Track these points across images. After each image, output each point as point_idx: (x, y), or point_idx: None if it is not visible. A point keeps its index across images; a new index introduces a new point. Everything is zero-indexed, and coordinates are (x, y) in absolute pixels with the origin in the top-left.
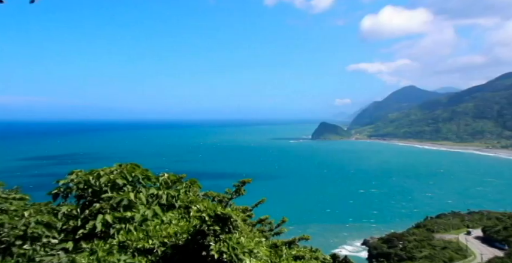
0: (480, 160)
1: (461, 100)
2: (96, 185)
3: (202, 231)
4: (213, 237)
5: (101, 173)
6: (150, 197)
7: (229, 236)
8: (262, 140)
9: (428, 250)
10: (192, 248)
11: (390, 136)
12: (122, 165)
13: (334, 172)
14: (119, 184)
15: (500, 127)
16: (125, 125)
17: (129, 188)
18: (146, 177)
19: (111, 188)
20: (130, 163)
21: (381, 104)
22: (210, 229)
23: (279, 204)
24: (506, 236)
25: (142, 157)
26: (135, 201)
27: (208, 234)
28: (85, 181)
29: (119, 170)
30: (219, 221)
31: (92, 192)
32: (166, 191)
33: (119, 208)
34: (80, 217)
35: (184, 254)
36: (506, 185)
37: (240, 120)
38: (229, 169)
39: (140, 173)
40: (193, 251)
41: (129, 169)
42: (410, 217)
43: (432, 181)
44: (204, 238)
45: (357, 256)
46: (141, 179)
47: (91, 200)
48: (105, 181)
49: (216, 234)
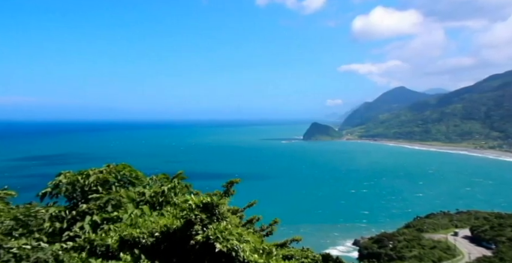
0: (469, 160)
1: (450, 101)
2: (85, 185)
3: (189, 220)
4: (200, 226)
5: (90, 173)
6: (138, 195)
7: (216, 224)
8: (254, 141)
9: (418, 250)
10: (180, 238)
11: (381, 137)
12: (110, 165)
13: (326, 172)
14: (108, 184)
15: (487, 128)
16: (122, 125)
17: (118, 188)
18: (135, 177)
19: (100, 186)
20: (120, 163)
21: (371, 104)
22: (197, 217)
23: (270, 204)
24: (493, 235)
25: (134, 157)
26: (123, 200)
27: (196, 223)
28: (73, 181)
29: (107, 169)
30: (206, 210)
31: (81, 193)
32: (152, 189)
33: (106, 208)
34: (67, 218)
35: (172, 244)
36: (494, 186)
37: (231, 121)
38: (221, 170)
39: (129, 172)
40: (181, 241)
41: (118, 169)
42: (401, 217)
43: (422, 181)
44: (192, 227)
45: (348, 256)
46: (131, 179)
47: (79, 201)
48: (93, 180)
49: (204, 223)
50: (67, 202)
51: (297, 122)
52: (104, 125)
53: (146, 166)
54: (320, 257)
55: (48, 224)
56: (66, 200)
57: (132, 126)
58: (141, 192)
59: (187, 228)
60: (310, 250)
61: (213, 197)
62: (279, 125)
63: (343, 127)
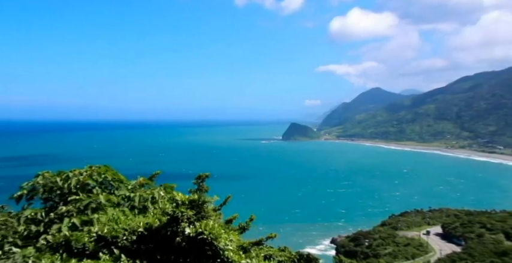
0: (441, 159)
1: (424, 102)
2: (64, 187)
3: (175, 217)
4: (186, 223)
5: (69, 175)
6: (122, 199)
7: (204, 222)
8: (232, 141)
9: (392, 247)
10: (164, 236)
11: (358, 137)
12: (92, 167)
13: (304, 172)
14: (89, 186)
15: (458, 128)
16: (99, 125)
17: (99, 191)
18: (118, 180)
19: (80, 191)
20: (103, 165)
21: (349, 105)
22: (184, 214)
23: (249, 205)
24: (463, 232)
25: (108, 157)
26: (104, 203)
27: (182, 220)
28: (52, 182)
29: (89, 172)
30: (192, 207)
31: (60, 195)
32: (139, 193)
33: (86, 210)
34: (44, 221)
35: (155, 241)
36: (465, 184)
37: (210, 121)
38: (199, 170)
39: (111, 175)
40: (166, 239)
41: (99, 171)
42: (376, 215)
43: (397, 181)
44: (178, 224)
45: (325, 254)
46: (111, 182)
47: (58, 203)
48: (74, 183)
49: (190, 220)
50: (42, 205)
51: (276, 122)
52: (78, 125)
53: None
54: (297, 256)
55: (23, 228)
56: (42, 203)
57: (106, 126)
58: (126, 196)
59: (172, 225)
60: (288, 249)
61: (200, 194)
62: (258, 125)
63: (322, 127)
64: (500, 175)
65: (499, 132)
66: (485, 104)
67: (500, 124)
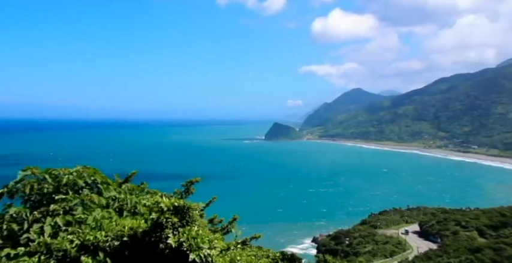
0: (419, 159)
1: (402, 103)
2: (53, 185)
3: (160, 223)
4: (171, 230)
5: (61, 173)
6: (112, 200)
7: (188, 228)
8: (215, 140)
9: (372, 246)
10: (148, 242)
11: (339, 136)
12: (83, 168)
13: (287, 172)
14: (76, 186)
15: (435, 128)
16: (79, 124)
17: (87, 191)
18: (106, 182)
19: (70, 190)
20: (91, 167)
21: (330, 105)
22: (168, 220)
23: (232, 204)
24: (439, 229)
25: (87, 158)
26: (91, 204)
27: (167, 226)
28: (40, 180)
29: (79, 172)
30: (177, 213)
31: (46, 193)
32: (129, 196)
33: (73, 210)
34: (28, 220)
35: (140, 248)
36: (442, 183)
37: (192, 121)
38: (181, 170)
39: (100, 178)
40: (150, 245)
41: (89, 172)
42: (357, 214)
43: (377, 180)
44: (162, 231)
45: (307, 253)
46: (100, 184)
47: (43, 201)
48: (65, 181)
49: (175, 226)
50: (22, 204)
51: (258, 122)
52: (55, 124)
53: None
54: (281, 256)
55: (4, 226)
56: (22, 202)
57: (88, 125)
58: (116, 198)
59: (156, 231)
60: (271, 251)
61: (184, 200)
62: (241, 125)
63: (304, 127)
64: (475, 174)
65: (474, 132)
66: (460, 105)
67: (475, 124)
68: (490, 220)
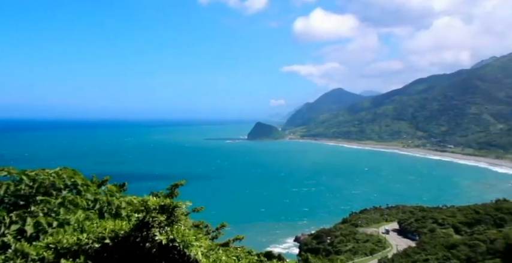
0: (399, 158)
1: (382, 103)
2: (31, 187)
3: (146, 223)
4: (157, 228)
5: (39, 174)
6: (92, 201)
7: (175, 227)
8: (197, 140)
9: (353, 244)
10: (132, 242)
11: (321, 136)
12: (62, 169)
13: (269, 171)
14: (56, 188)
15: (414, 128)
16: (61, 124)
17: (67, 193)
18: (86, 184)
19: (49, 192)
20: (71, 168)
21: (312, 105)
22: (155, 219)
23: (214, 205)
24: (417, 227)
25: (67, 158)
26: (71, 206)
27: (153, 225)
28: (16, 181)
29: (58, 173)
30: (163, 212)
31: (23, 195)
32: (110, 198)
33: (53, 212)
34: (4, 222)
35: (123, 249)
36: (420, 182)
37: (174, 121)
38: (162, 170)
39: (80, 179)
40: (134, 245)
41: (69, 174)
42: (338, 213)
43: (358, 179)
44: (149, 230)
45: (289, 252)
46: (80, 186)
47: (19, 203)
48: (44, 183)
49: (161, 225)
50: None
51: (241, 121)
52: (39, 124)
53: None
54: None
55: None
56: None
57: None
58: (96, 199)
59: (142, 231)
60: (253, 251)
61: (170, 199)
62: (223, 125)
63: (286, 127)
64: (451, 173)
65: (450, 132)
66: (437, 105)
67: (451, 124)
68: (465, 217)
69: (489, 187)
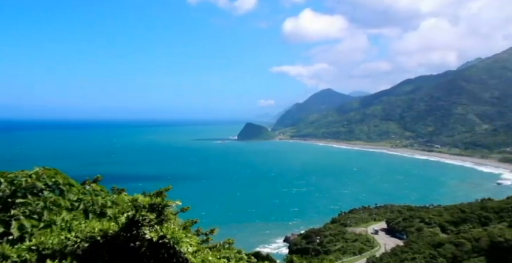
0: (387, 158)
1: (371, 103)
2: (9, 189)
3: (136, 221)
4: (147, 227)
5: (18, 175)
6: (76, 201)
7: (165, 226)
8: (187, 141)
9: (342, 243)
10: (122, 241)
11: (310, 136)
12: (41, 169)
13: (259, 172)
14: (35, 190)
15: (402, 128)
16: (53, 124)
17: (49, 194)
18: (68, 184)
19: (29, 193)
20: (52, 168)
21: (302, 106)
22: (145, 218)
23: (204, 205)
24: (405, 226)
25: (55, 159)
26: (54, 207)
27: (143, 224)
28: None
29: (38, 174)
30: (153, 210)
31: (2, 197)
32: (95, 198)
33: (35, 214)
34: None
35: (112, 248)
36: (408, 181)
37: (163, 121)
38: (152, 171)
39: (62, 179)
40: (124, 244)
41: (49, 174)
42: (328, 213)
43: (347, 179)
44: (139, 228)
45: (279, 253)
46: (61, 185)
47: None
48: (23, 184)
49: (151, 224)
50: None
51: (231, 122)
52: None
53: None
54: (255, 259)
55: None
56: None
57: (55, 126)
58: (80, 199)
59: (131, 230)
60: (243, 251)
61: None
62: (213, 125)
63: (276, 127)
64: (438, 173)
65: (437, 132)
66: (424, 106)
67: (438, 124)
68: (451, 216)
69: (475, 187)
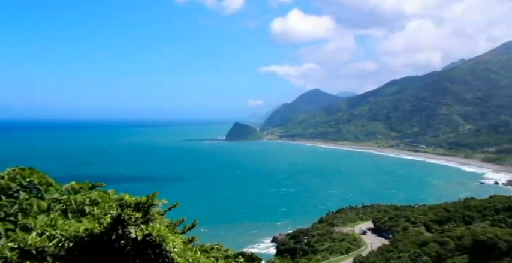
0: (374, 158)
1: (358, 104)
2: None
3: (121, 220)
4: (133, 226)
5: None
6: (53, 201)
7: (151, 225)
8: (175, 141)
9: (329, 243)
10: (107, 240)
11: (299, 137)
12: (15, 169)
13: (248, 172)
14: (10, 191)
15: (388, 129)
16: (43, 124)
17: (24, 195)
18: (46, 183)
19: (3, 195)
20: (28, 167)
21: (290, 106)
22: (131, 216)
23: (192, 206)
24: (390, 226)
25: (40, 159)
26: (30, 209)
27: (129, 223)
28: None
29: (12, 174)
30: (139, 209)
31: None
32: (73, 196)
33: (10, 217)
34: None
35: (97, 247)
36: (394, 181)
37: (151, 121)
38: (140, 172)
39: (38, 178)
40: (108, 243)
41: (24, 174)
42: (315, 212)
43: (335, 179)
44: (124, 227)
45: (266, 253)
46: (38, 185)
47: None
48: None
49: (137, 223)
50: None
51: (219, 122)
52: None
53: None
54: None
55: None
56: None
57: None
58: (57, 199)
59: (116, 229)
60: (230, 250)
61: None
62: (202, 125)
63: (264, 127)
64: (424, 172)
65: (422, 132)
66: (410, 106)
67: (423, 125)
68: (435, 215)
69: (459, 186)
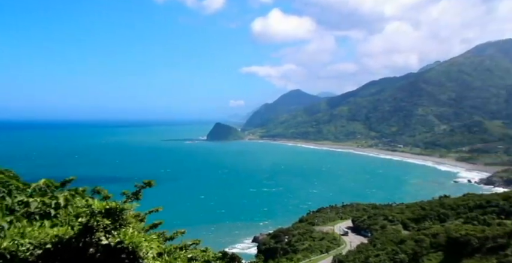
0: (354, 158)
1: (338, 104)
2: None
3: (90, 227)
4: (103, 233)
5: None
6: (18, 204)
7: (123, 231)
8: (156, 141)
9: (309, 242)
10: (75, 248)
11: (280, 136)
12: None
13: (229, 172)
14: None
15: (367, 129)
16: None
17: None
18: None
19: None
20: None
21: (271, 106)
22: (100, 223)
23: (172, 206)
24: (369, 224)
25: (8, 160)
26: None
27: (98, 229)
28: None
29: None
30: (109, 216)
31: None
32: (40, 198)
33: None
34: None
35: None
36: (373, 180)
37: (131, 121)
38: (119, 172)
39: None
40: (78, 251)
41: None
42: (297, 212)
43: (316, 179)
44: (93, 234)
45: (247, 253)
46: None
47: None
48: None
49: (107, 230)
50: None
51: (200, 122)
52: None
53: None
54: (220, 255)
55: None
56: None
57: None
58: (24, 201)
59: (85, 236)
60: (210, 250)
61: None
62: (182, 125)
63: (246, 127)
64: (402, 172)
65: (400, 132)
66: (388, 107)
67: (401, 125)
68: (412, 213)
69: (434, 185)
